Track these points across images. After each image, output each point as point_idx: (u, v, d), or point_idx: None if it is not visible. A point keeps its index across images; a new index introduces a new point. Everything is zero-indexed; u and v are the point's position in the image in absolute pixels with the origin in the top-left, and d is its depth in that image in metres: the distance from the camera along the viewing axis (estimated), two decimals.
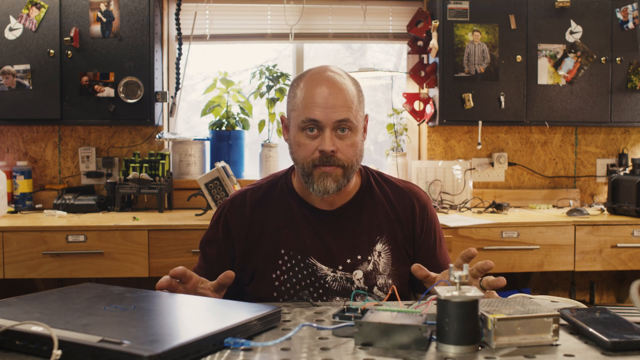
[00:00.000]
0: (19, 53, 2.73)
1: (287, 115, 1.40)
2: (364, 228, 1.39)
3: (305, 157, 1.32)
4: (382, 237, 1.39)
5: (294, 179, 1.44)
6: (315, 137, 1.31)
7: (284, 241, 1.37)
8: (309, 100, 1.30)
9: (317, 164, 1.31)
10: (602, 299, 3.23)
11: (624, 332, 0.85)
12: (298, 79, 1.37)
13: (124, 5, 2.76)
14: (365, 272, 1.36)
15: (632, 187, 2.66)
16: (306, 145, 1.31)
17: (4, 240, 2.33)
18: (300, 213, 1.39)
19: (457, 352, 0.81)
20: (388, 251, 1.39)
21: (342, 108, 1.30)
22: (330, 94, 1.30)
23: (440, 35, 2.93)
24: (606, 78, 2.97)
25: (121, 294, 1.01)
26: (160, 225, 2.41)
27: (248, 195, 1.44)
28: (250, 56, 3.37)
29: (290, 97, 1.37)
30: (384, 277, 1.38)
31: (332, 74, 1.34)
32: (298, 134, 1.33)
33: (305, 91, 1.32)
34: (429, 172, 3.09)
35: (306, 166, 1.32)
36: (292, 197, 1.41)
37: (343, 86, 1.32)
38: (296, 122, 1.33)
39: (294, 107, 1.35)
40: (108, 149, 3.05)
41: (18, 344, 0.79)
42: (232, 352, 0.82)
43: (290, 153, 1.39)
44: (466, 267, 0.85)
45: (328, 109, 1.29)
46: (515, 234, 2.53)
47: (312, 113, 1.29)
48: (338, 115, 1.29)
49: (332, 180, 1.31)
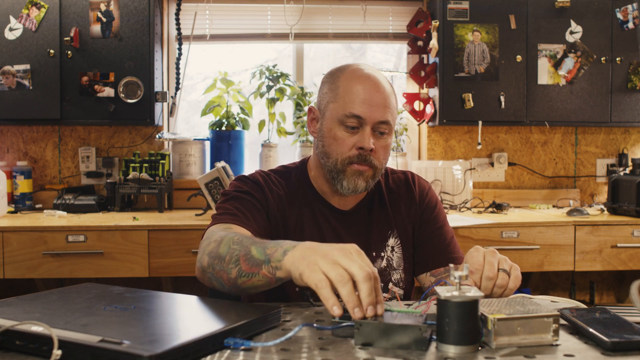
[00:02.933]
0: (19, 53, 2.73)
1: (321, 106, 1.35)
2: (376, 225, 1.39)
3: (342, 152, 1.28)
4: (393, 231, 1.39)
5: (310, 175, 1.41)
6: (354, 133, 1.28)
7: (307, 236, 1.34)
8: (353, 94, 1.27)
9: (353, 161, 1.28)
10: (602, 299, 3.23)
11: (624, 332, 0.85)
12: (338, 72, 1.34)
13: (124, 5, 2.76)
14: (379, 268, 1.36)
15: (632, 187, 2.66)
16: (343, 140, 1.28)
17: (4, 240, 2.33)
18: (319, 211, 1.37)
19: (457, 352, 0.81)
20: (399, 245, 1.39)
21: (386, 109, 1.28)
22: (376, 93, 1.28)
23: (440, 35, 2.93)
24: (606, 78, 2.97)
25: (121, 294, 1.01)
26: (160, 225, 2.41)
27: (272, 176, 1.39)
28: (250, 56, 3.37)
29: (328, 89, 1.33)
30: (398, 272, 1.38)
31: (376, 73, 1.32)
32: (336, 127, 1.29)
33: (349, 84, 1.29)
34: (429, 172, 3.09)
35: (340, 162, 1.29)
36: (311, 193, 1.38)
37: (385, 87, 1.30)
38: (335, 115, 1.29)
39: (333, 99, 1.31)
40: (108, 149, 3.05)
41: (18, 344, 0.79)
42: (232, 352, 0.81)
43: (319, 146, 1.34)
44: (466, 267, 0.84)
45: (373, 107, 1.26)
46: (515, 234, 2.53)
47: (356, 108, 1.26)
48: (381, 115, 1.27)
49: (363, 180, 1.29)
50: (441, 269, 1.37)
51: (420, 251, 1.41)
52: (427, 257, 1.39)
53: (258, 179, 1.35)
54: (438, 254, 1.39)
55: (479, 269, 1.07)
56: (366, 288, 0.86)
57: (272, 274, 0.99)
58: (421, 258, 1.40)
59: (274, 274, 0.99)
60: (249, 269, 1.02)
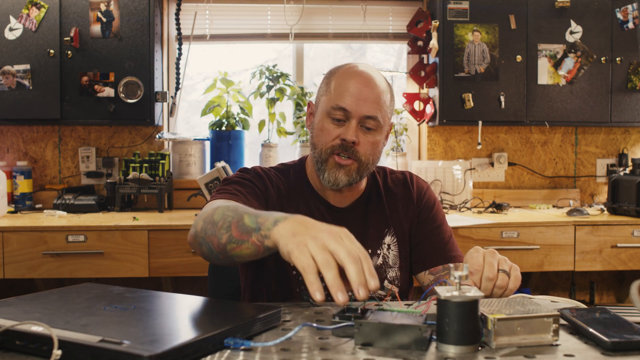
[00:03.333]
0: (19, 53, 2.73)
1: (316, 101, 1.39)
2: (373, 222, 1.40)
3: (326, 142, 1.31)
4: (390, 229, 1.40)
5: (308, 172, 1.43)
6: (340, 125, 1.30)
7: None
8: (343, 88, 1.30)
9: (335, 152, 1.30)
10: (602, 299, 3.23)
11: (624, 332, 0.85)
12: (336, 69, 1.38)
13: (124, 5, 2.76)
14: (375, 266, 1.36)
15: (632, 187, 2.66)
16: (329, 131, 1.30)
17: (4, 240, 2.33)
18: (316, 208, 1.38)
19: (457, 352, 0.81)
20: (395, 243, 1.40)
21: (374, 104, 1.29)
22: (365, 87, 1.29)
23: (440, 35, 2.93)
24: (606, 78, 2.97)
25: (121, 294, 1.01)
26: (160, 225, 2.41)
27: (272, 172, 1.41)
28: (250, 56, 3.37)
29: (323, 85, 1.37)
30: (394, 270, 1.39)
31: (370, 70, 1.34)
32: (324, 119, 1.32)
33: (341, 80, 1.32)
34: (429, 172, 3.09)
35: (324, 152, 1.31)
36: (308, 190, 1.40)
37: (378, 84, 1.32)
38: (324, 107, 1.32)
39: (325, 93, 1.34)
40: (108, 149, 3.05)
41: (18, 344, 0.79)
42: (232, 352, 0.81)
43: (310, 138, 1.38)
44: (466, 267, 0.84)
45: (360, 100, 1.28)
46: (515, 234, 2.53)
47: (343, 101, 1.29)
48: (368, 110, 1.29)
49: (344, 174, 1.30)
50: (439, 267, 1.38)
51: (418, 250, 1.41)
52: (425, 255, 1.40)
53: (259, 171, 1.38)
54: (436, 253, 1.39)
55: (479, 269, 1.07)
56: (353, 270, 0.86)
57: (261, 242, 0.98)
58: (419, 256, 1.41)
59: (262, 242, 0.98)
60: (239, 236, 1.02)
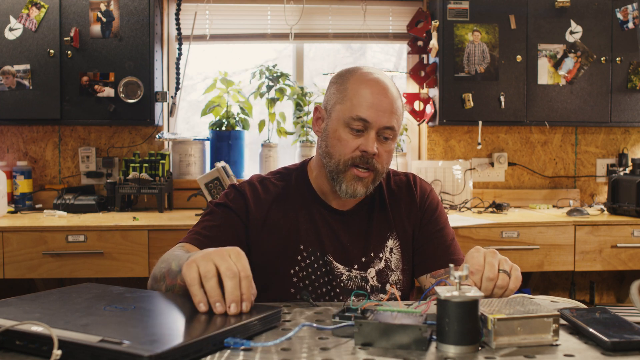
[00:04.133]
0: (19, 53, 2.73)
1: (327, 106, 1.36)
2: (376, 225, 1.39)
3: (345, 153, 1.29)
4: (392, 233, 1.40)
5: (311, 176, 1.42)
6: (358, 136, 1.29)
7: (303, 237, 1.35)
8: (363, 98, 1.28)
9: (355, 164, 1.29)
10: (602, 299, 3.23)
11: (624, 332, 0.85)
12: (347, 73, 1.35)
13: (124, 5, 2.76)
14: (377, 269, 1.36)
15: (632, 187, 2.66)
16: (347, 142, 1.29)
17: (4, 240, 2.33)
18: (317, 211, 1.38)
19: (457, 352, 0.81)
20: (398, 246, 1.40)
21: (392, 114, 1.29)
22: (384, 98, 1.29)
23: (440, 35, 2.93)
24: (606, 78, 2.97)
25: (121, 294, 1.01)
26: (160, 225, 2.41)
27: (268, 182, 1.41)
28: (250, 56, 3.37)
29: (336, 90, 1.34)
30: (396, 274, 1.38)
31: (384, 77, 1.33)
32: (341, 128, 1.30)
33: (357, 87, 1.30)
34: (429, 172, 3.09)
35: (342, 163, 1.30)
36: (309, 194, 1.40)
37: (393, 92, 1.31)
38: (341, 116, 1.30)
39: (340, 100, 1.32)
40: (108, 149, 3.05)
41: (18, 344, 0.79)
42: (232, 352, 0.82)
43: (322, 146, 1.35)
44: (466, 267, 0.85)
45: (380, 111, 1.27)
46: (515, 234, 2.53)
47: (363, 112, 1.27)
48: (387, 120, 1.28)
49: (362, 186, 1.31)
50: (441, 271, 1.37)
51: (420, 253, 1.41)
52: (428, 258, 1.40)
53: (244, 190, 1.38)
54: (438, 256, 1.39)
55: (479, 269, 1.07)
56: (230, 285, 0.91)
57: (181, 280, 1.01)
58: (422, 259, 1.40)
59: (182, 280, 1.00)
60: (171, 282, 1.10)
